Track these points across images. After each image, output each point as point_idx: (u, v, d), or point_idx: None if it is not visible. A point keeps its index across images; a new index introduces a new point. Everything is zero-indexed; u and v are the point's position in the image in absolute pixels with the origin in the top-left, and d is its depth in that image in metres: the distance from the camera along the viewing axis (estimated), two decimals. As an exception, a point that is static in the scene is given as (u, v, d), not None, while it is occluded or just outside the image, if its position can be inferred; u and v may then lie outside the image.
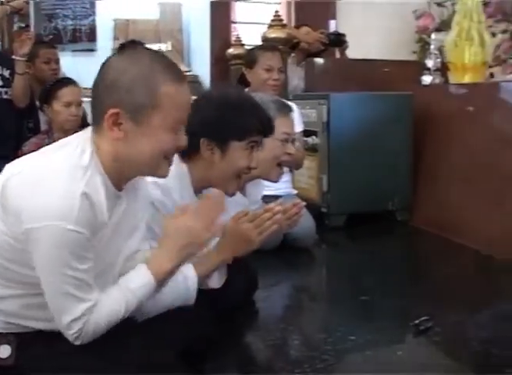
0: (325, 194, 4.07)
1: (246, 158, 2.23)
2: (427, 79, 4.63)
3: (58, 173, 1.61)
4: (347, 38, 5.52)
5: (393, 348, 2.28)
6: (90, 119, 2.08)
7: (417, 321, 2.38)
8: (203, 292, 2.08)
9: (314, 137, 4.08)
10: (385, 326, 2.43)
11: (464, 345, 2.28)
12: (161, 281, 1.83)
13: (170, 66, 1.73)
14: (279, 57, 3.80)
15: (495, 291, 2.94)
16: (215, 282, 2.23)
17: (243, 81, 3.95)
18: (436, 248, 3.74)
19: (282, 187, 3.56)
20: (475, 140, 3.84)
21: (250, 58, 3.82)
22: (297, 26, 5.66)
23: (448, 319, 2.48)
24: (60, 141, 1.78)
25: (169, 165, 1.79)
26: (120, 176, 1.75)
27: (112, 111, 1.65)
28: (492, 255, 3.39)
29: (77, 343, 1.66)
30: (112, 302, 1.72)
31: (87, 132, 1.75)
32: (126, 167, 1.73)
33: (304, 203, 2.53)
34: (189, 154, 2.16)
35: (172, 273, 1.86)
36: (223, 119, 2.18)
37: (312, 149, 4.09)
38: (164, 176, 1.81)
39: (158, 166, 1.76)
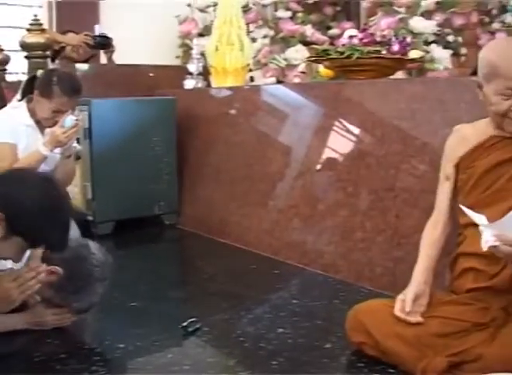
0: (90, 202, 3.96)
1: None
2: (190, 83, 4.69)
3: None
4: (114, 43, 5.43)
5: (164, 352, 2.24)
6: None
7: (185, 323, 2.38)
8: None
9: (77, 144, 3.95)
10: (155, 331, 2.41)
11: (233, 342, 2.31)
12: None
13: None
14: (75, 102, 3.26)
15: (262, 286, 3.01)
16: None
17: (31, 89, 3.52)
18: (204, 249, 3.78)
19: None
20: (238, 142, 3.93)
21: (46, 88, 3.18)
22: (62, 33, 5.45)
23: (216, 318, 2.51)
24: None
25: None
26: None
27: None
28: (259, 252, 3.50)
29: None
30: None
31: None
32: None
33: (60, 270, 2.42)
34: None
35: None
36: None
37: (75, 157, 3.95)
38: None
39: None
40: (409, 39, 3.90)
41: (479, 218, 1.89)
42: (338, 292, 2.85)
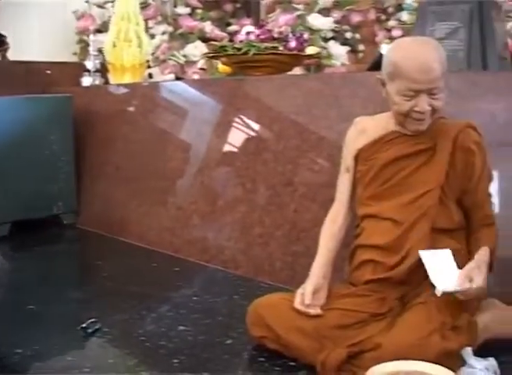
0: (-15, 204, 3.85)
1: None
2: (87, 80, 4.62)
3: None
4: (8, 40, 5.27)
5: (63, 355, 2.19)
6: None
7: (84, 324, 2.35)
8: None
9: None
10: (54, 334, 2.37)
11: (133, 341, 2.29)
12: None
13: None
14: None
15: (163, 284, 2.98)
16: None
17: None
18: (104, 248, 3.72)
19: None
20: (138, 140, 3.90)
21: None
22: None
23: (116, 318, 2.49)
24: None
25: None
26: None
27: None
28: (161, 250, 3.48)
29: None
30: None
31: None
32: None
33: None
34: None
35: None
36: None
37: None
38: None
39: None
40: (306, 35, 3.95)
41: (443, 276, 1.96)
42: (238, 288, 2.86)
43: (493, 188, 2.22)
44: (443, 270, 1.97)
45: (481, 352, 1.91)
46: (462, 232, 2.15)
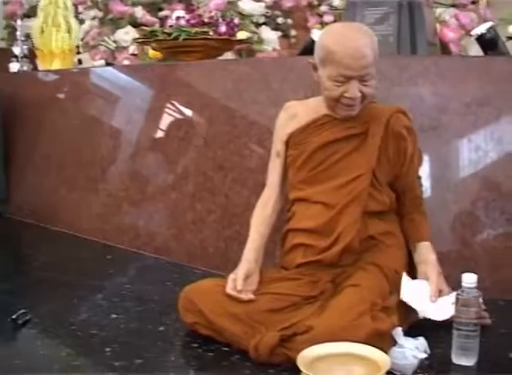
0: None
1: None
2: (15, 66, 4.53)
3: None
4: None
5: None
6: None
7: (14, 316, 2.29)
8: None
9: None
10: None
11: (65, 331, 2.25)
12: None
13: None
14: None
15: (94, 272, 2.95)
16: None
17: None
18: (34, 238, 3.67)
19: None
20: (67, 126, 3.84)
21: None
22: None
23: (47, 308, 2.45)
24: None
25: None
26: None
27: None
28: (92, 238, 3.45)
29: None
30: None
31: None
32: None
33: None
34: None
35: None
36: None
37: None
38: None
39: None
40: (237, 20, 3.93)
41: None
42: (171, 274, 2.85)
43: (423, 171, 2.27)
44: (418, 293, 2.05)
45: (411, 332, 1.95)
46: (392, 214, 2.19)
